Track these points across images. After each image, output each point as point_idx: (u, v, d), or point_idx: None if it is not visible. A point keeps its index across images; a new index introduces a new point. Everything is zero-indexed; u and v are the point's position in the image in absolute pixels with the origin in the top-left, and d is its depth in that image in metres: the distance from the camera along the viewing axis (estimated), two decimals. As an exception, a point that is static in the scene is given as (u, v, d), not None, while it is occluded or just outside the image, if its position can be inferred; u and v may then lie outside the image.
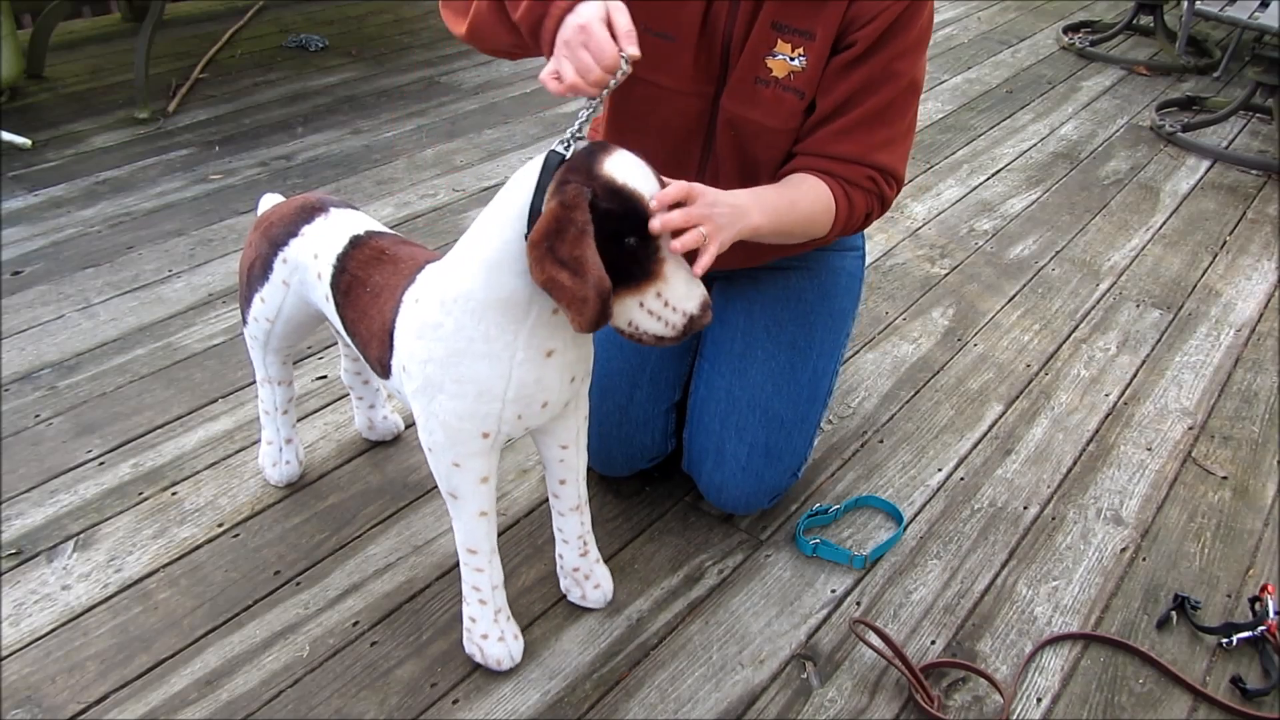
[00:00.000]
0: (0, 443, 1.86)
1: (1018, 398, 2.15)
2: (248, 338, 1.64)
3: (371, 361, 1.41)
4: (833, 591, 1.66)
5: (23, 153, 2.92)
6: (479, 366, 1.25)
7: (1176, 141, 3.47)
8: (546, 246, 1.12)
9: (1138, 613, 1.66)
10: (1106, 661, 1.57)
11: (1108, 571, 1.73)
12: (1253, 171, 3.31)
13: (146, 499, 1.76)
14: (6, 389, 1.99)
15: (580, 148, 1.17)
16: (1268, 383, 2.26)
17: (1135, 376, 2.25)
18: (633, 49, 1.19)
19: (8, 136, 2.92)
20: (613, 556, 1.68)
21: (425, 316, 1.27)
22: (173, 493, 1.77)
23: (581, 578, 1.58)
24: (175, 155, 2.97)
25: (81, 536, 1.67)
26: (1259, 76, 3.41)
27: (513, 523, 1.74)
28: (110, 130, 3.10)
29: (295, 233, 1.51)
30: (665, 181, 1.20)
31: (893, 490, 1.87)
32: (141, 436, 1.89)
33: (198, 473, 1.82)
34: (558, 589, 1.62)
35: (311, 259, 1.48)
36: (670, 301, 1.18)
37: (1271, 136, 3.55)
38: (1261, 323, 2.48)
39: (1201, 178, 3.24)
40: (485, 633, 1.46)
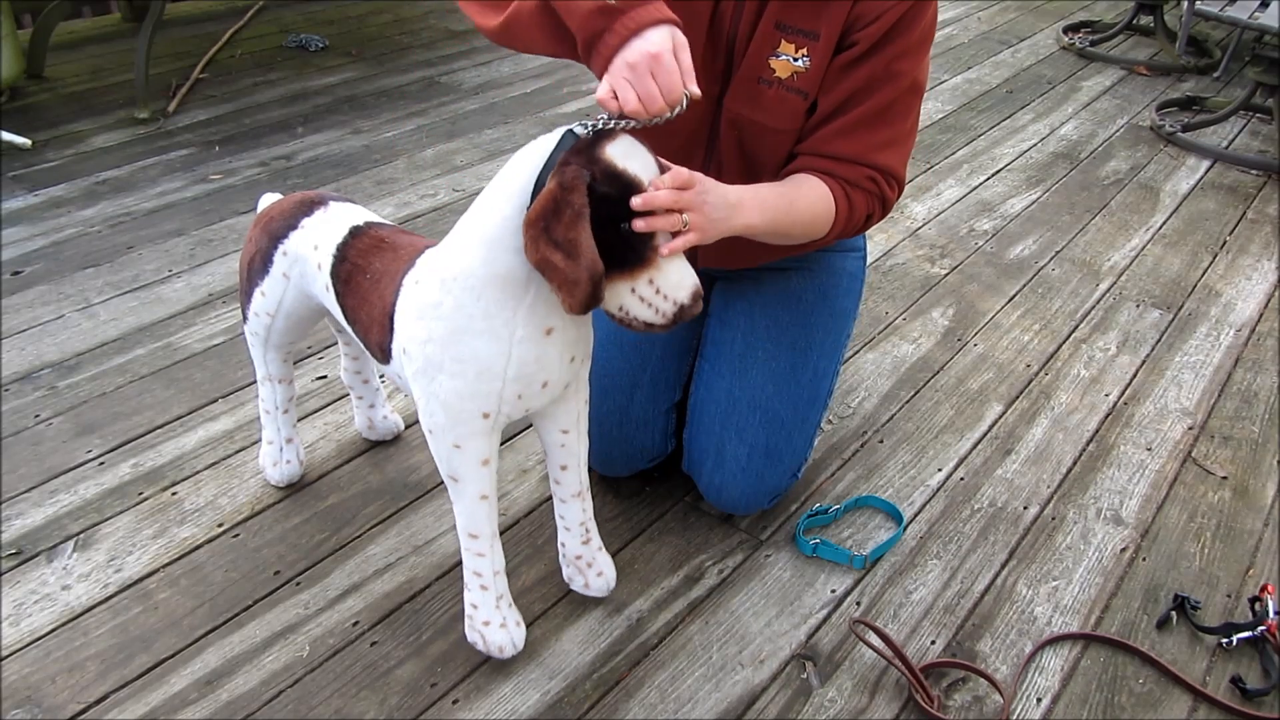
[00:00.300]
0: (0, 443, 1.86)
1: (1018, 398, 2.15)
2: (248, 334, 1.64)
3: (372, 347, 1.41)
4: (833, 591, 1.66)
5: (23, 153, 2.92)
6: (479, 344, 1.25)
7: (1176, 141, 3.46)
8: (542, 226, 1.13)
9: (1138, 613, 1.66)
10: (1106, 661, 1.57)
11: (1108, 571, 1.73)
12: (1253, 171, 3.31)
13: (146, 499, 1.76)
14: (6, 389, 1.99)
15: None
16: (1268, 383, 2.26)
17: (1135, 376, 2.25)
18: (695, 88, 1.18)
19: (8, 136, 2.92)
20: (613, 556, 1.68)
21: (425, 296, 1.27)
22: (173, 493, 1.77)
23: (584, 565, 1.58)
24: (175, 155, 2.97)
25: (81, 536, 1.67)
26: (1259, 76, 3.41)
27: (513, 522, 1.74)
28: (110, 130, 3.10)
29: (295, 225, 1.51)
30: (666, 167, 1.20)
31: (893, 490, 1.87)
32: (141, 436, 1.89)
33: (198, 473, 1.82)
34: (558, 589, 1.62)
35: (311, 250, 1.48)
36: (662, 289, 1.18)
37: (1271, 136, 3.55)
38: (1261, 323, 2.48)
39: (1201, 178, 3.24)
40: (487, 619, 1.46)
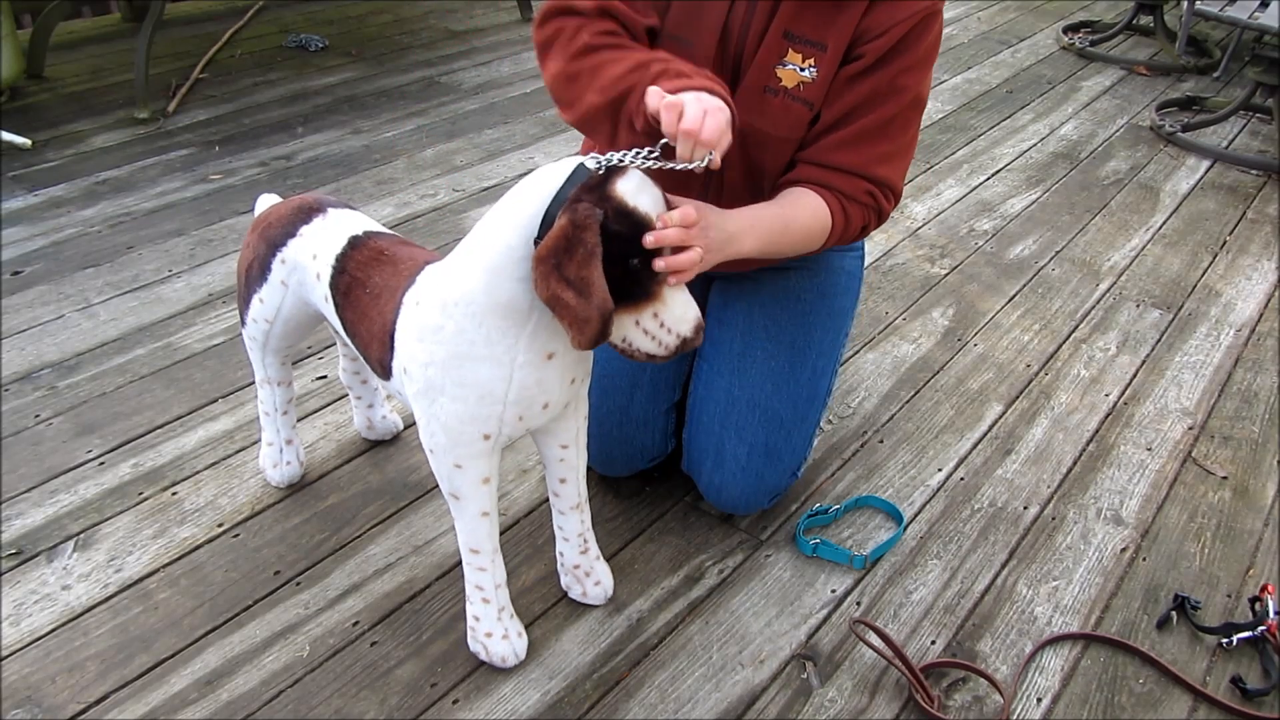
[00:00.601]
0: (0, 443, 1.86)
1: (1018, 398, 2.15)
2: (246, 339, 1.64)
3: (372, 363, 1.41)
4: (833, 591, 1.66)
5: (23, 153, 2.92)
6: (480, 370, 1.25)
7: (1176, 141, 3.46)
8: (554, 264, 1.14)
9: (1138, 613, 1.66)
10: (1106, 661, 1.57)
11: (1108, 571, 1.73)
12: (1253, 171, 3.31)
13: (146, 499, 1.76)
14: (6, 389, 1.99)
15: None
16: (1268, 383, 2.26)
17: (1135, 376, 2.25)
18: (718, 156, 1.22)
19: (8, 136, 2.92)
20: (613, 556, 1.68)
21: (426, 319, 1.27)
22: (173, 493, 1.77)
23: (582, 575, 1.58)
24: (175, 155, 2.97)
25: (81, 536, 1.67)
26: (1259, 76, 3.41)
27: (513, 523, 1.74)
28: (110, 130, 3.10)
29: (293, 233, 1.51)
30: (672, 203, 1.23)
31: (893, 490, 1.87)
32: (141, 436, 1.89)
33: (198, 473, 1.82)
34: (558, 589, 1.62)
35: (310, 259, 1.48)
36: (666, 322, 1.21)
37: (1271, 136, 3.55)
38: (1261, 323, 2.48)
39: (1201, 178, 3.24)
40: (489, 631, 1.47)
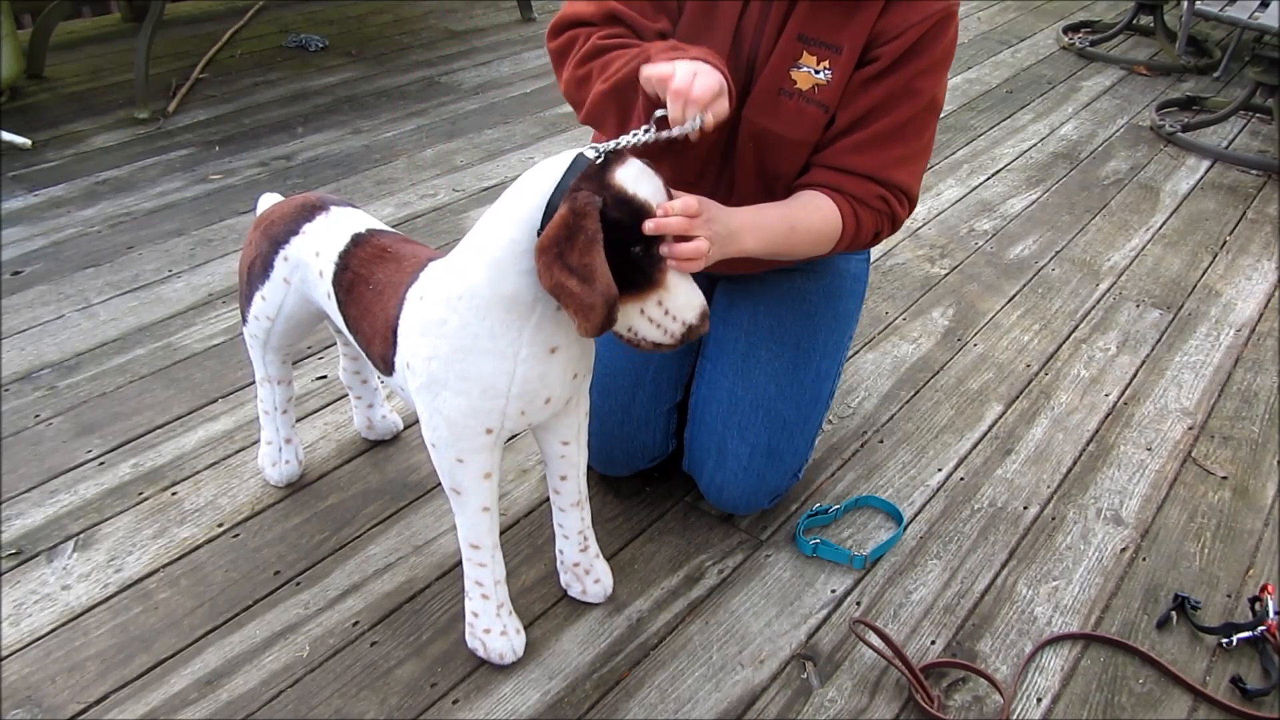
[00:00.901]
0: (0, 443, 1.86)
1: (1018, 398, 2.15)
2: (248, 337, 1.64)
3: (374, 358, 1.41)
4: (833, 591, 1.66)
5: (23, 153, 2.92)
6: (483, 363, 1.25)
7: (1176, 141, 3.46)
8: (556, 252, 1.14)
9: (1138, 613, 1.66)
10: (1106, 661, 1.57)
11: (1108, 571, 1.73)
12: (1253, 171, 3.31)
13: (146, 499, 1.76)
14: (6, 389, 1.99)
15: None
16: (1268, 383, 2.26)
17: (1135, 376, 2.25)
18: (710, 117, 1.22)
19: (8, 136, 2.92)
20: (613, 556, 1.68)
21: (429, 313, 1.27)
22: (173, 493, 1.77)
23: (581, 573, 1.58)
24: (175, 155, 2.97)
25: (81, 536, 1.67)
26: (1259, 76, 3.41)
27: (513, 522, 1.74)
28: (110, 130, 3.10)
29: (296, 230, 1.51)
30: (673, 195, 1.23)
31: (893, 490, 1.87)
32: (141, 436, 1.89)
33: (198, 473, 1.82)
34: (558, 589, 1.62)
35: (313, 256, 1.48)
36: (671, 310, 1.21)
37: (1271, 136, 3.55)
38: (1261, 323, 2.48)
39: (1201, 178, 3.24)
40: (488, 627, 1.47)
